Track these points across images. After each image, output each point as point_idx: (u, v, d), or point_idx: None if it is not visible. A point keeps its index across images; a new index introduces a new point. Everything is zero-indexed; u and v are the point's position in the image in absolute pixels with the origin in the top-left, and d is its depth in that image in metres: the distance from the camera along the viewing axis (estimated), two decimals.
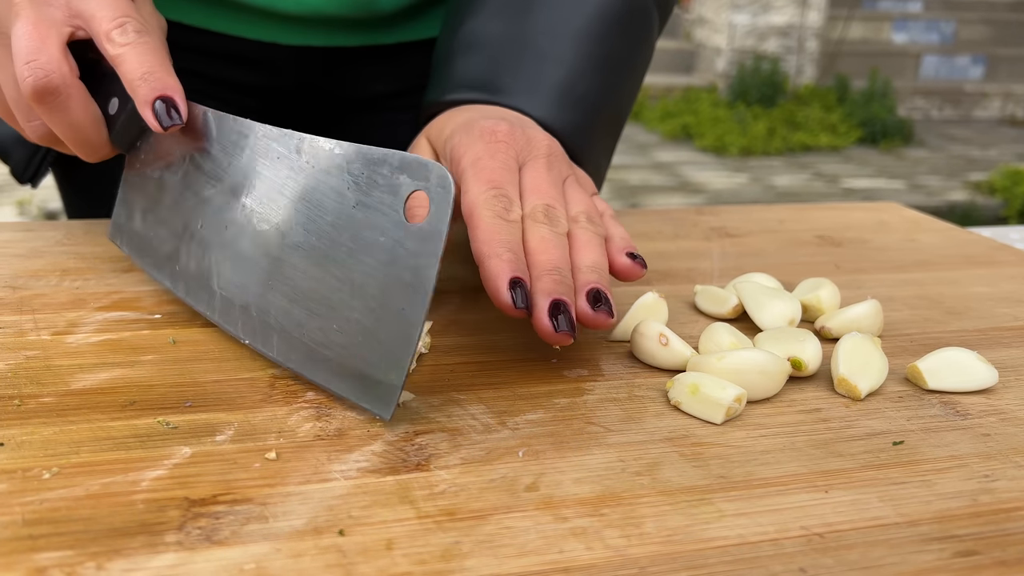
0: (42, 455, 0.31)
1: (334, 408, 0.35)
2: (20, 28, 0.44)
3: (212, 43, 0.65)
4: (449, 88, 0.52)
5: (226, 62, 0.66)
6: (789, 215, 0.67)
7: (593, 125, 0.53)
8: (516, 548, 0.27)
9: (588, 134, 0.52)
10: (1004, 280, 0.54)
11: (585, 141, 0.52)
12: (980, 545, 0.28)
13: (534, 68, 0.52)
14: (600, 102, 0.53)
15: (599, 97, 0.53)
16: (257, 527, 0.27)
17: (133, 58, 0.45)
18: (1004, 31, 6.44)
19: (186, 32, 0.64)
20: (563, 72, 0.52)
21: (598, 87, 0.53)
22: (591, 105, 0.52)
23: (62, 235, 0.55)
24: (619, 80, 0.55)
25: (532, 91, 0.51)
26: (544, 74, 0.52)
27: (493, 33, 0.53)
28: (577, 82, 0.52)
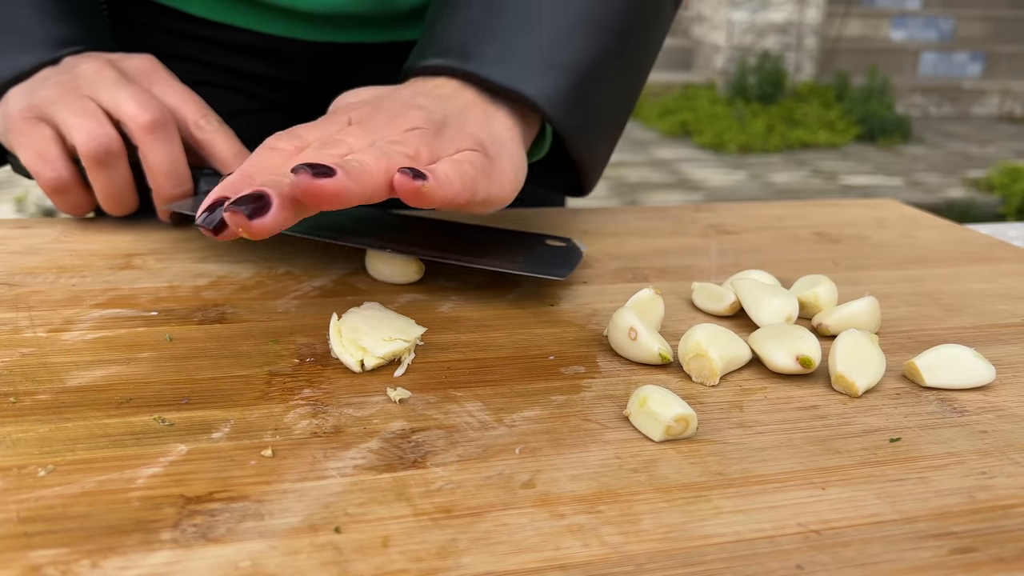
0: (37, 452, 0.31)
1: (330, 405, 0.35)
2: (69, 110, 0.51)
3: (233, 37, 0.65)
4: (425, 53, 0.50)
5: (247, 56, 0.66)
6: (787, 212, 0.67)
7: (579, 94, 0.49)
8: (513, 545, 0.27)
9: (572, 104, 0.49)
10: (1002, 277, 0.54)
11: (568, 112, 0.49)
12: (977, 542, 0.28)
13: (506, 31, 0.49)
14: (588, 69, 0.49)
15: (587, 64, 0.49)
16: (253, 524, 0.27)
17: (223, 141, 0.55)
18: (1002, 28, 6.45)
19: (208, 26, 0.64)
20: (539, 33, 0.49)
21: (585, 52, 0.49)
22: (575, 71, 0.49)
23: (59, 232, 0.55)
24: (616, 49, 0.51)
25: (501, 56, 0.48)
26: (517, 37, 0.48)
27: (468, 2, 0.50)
28: (558, 45, 0.49)
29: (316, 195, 0.35)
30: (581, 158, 0.52)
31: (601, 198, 3.85)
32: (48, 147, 0.52)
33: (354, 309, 0.40)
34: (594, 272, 0.52)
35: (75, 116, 0.51)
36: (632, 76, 0.54)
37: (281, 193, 0.35)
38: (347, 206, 0.36)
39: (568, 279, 0.50)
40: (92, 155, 0.51)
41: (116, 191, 0.53)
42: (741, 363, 0.39)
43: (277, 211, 0.35)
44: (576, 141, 0.50)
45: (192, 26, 0.65)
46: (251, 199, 0.35)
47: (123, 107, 0.52)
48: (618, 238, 0.59)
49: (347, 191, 0.36)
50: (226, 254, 0.52)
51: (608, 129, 0.54)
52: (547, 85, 0.48)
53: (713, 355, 0.38)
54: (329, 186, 0.35)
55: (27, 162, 0.52)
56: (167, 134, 0.53)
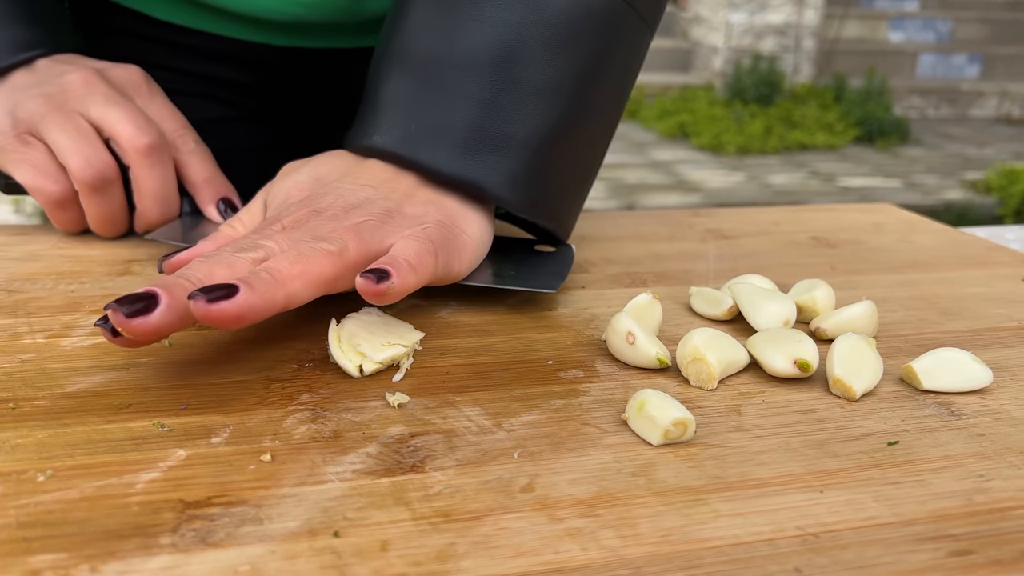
0: (37, 458, 0.31)
1: (329, 410, 0.35)
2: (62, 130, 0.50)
3: (202, 43, 0.65)
4: (360, 132, 0.47)
5: (216, 61, 0.66)
6: (784, 217, 0.67)
7: (535, 171, 0.45)
8: (511, 549, 0.27)
9: (526, 183, 0.45)
10: (999, 280, 0.54)
11: (525, 192, 0.45)
12: (975, 544, 0.28)
13: (448, 110, 0.44)
14: (544, 141, 0.45)
15: (541, 136, 0.45)
16: (252, 529, 0.27)
17: (196, 163, 0.54)
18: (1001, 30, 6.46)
19: (176, 31, 0.64)
20: (484, 113, 0.44)
21: (538, 124, 0.45)
22: (527, 147, 0.45)
23: (58, 238, 0.55)
24: (575, 106, 0.46)
25: (444, 141, 0.44)
26: (459, 117, 0.44)
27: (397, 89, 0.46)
28: (506, 122, 0.44)
29: (216, 320, 0.33)
30: (547, 224, 0.48)
31: (599, 199, 3.86)
32: (46, 162, 0.51)
33: (352, 315, 0.41)
34: (592, 277, 0.52)
35: (68, 138, 0.50)
36: (592, 129, 0.48)
37: (173, 295, 0.34)
38: (258, 321, 0.35)
39: (567, 283, 0.50)
40: (88, 182, 0.50)
41: (109, 216, 0.53)
42: (739, 367, 0.40)
43: (164, 312, 0.33)
44: (536, 214, 0.47)
45: (161, 31, 0.64)
46: (136, 299, 0.33)
47: (118, 128, 0.51)
48: (616, 243, 0.59)
49: (252, 309, 0.34)
50: None
51: (572, 188, 0.49)
52: (494, 168, 0.44)
53: (711, 359, 0.38)
54: (229, 309, 0.33)
55: (25, 179, 0.51)
56: (162, 159, 0.52)
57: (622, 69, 0.48)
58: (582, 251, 0.56)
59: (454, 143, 0.44)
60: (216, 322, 0.33)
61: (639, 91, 5.84)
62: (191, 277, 0.36)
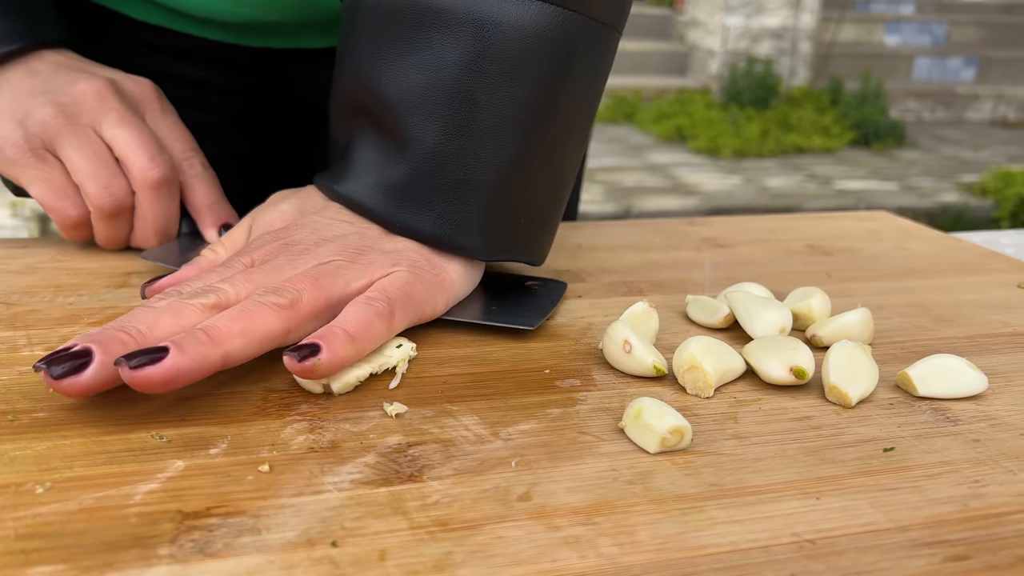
0: (35, 469, 0.31)
1: (327, 420, 0.35)
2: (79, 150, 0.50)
3: (179, 43, 0.64)
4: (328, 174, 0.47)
5: (195, 63, 0.66)
6: (780, 225, 0.67)
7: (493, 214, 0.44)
8: (509, 558, 0.27)
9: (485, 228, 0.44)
10: (994, 287, 0.54)
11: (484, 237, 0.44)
12: (971, 550, 0.28)
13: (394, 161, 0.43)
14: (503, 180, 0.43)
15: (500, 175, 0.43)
16: (250, 539, 0.27)
17: (202, 189, 0.54)
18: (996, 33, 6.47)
19: (154, 32, 0.64)
20: (419, 157, 0.43)
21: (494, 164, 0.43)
22: (470, 190, 0.43)
23: (56, 251, 0.55)
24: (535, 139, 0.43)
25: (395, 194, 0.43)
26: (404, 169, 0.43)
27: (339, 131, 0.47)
28: (458, 167, 0.42)
29: (143, 385, 0.33)
30: (515, 258, 0.46)
31: (596, 203, 3.86)
32: (64, 183, 0.51)
33: None
34: (588, 286, 0.52)
35: (86, 160, 0.50)
36: (567, 144, 0.46)
37: (107, 352, 0.33)
38: (190, 383, 0.34)
39: (565, 292, 0.50)
40: (106, 209, 0.51)
41: (118, 238, 0.53)
42: (735, 375, 0.40)
43: (95, 372, 0.33)
44: (502, 255, 0.45)
45: (136, 32, 0.63)
46: (69, 357, 0.33)
47: (130, 155, 0.51)
48: (612, 252, 0.59)
49: (180, 373, 0.33)
50: None
51: (540, 218, 0.46)
52: (456, 218, 0.43)
53: (707, 367, 0.38)
54: (155, 374, 0.33)
55: (43, 199, 0.51)
56: (170, 192, 0.52)
57: (585, 82, 0.45)
58: (578, 260, 0.57)
59: (411, 197, 0.43)
60: (143, 387, 0.33)
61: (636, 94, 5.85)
62: (131, 329, 0.35)
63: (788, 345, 0.40)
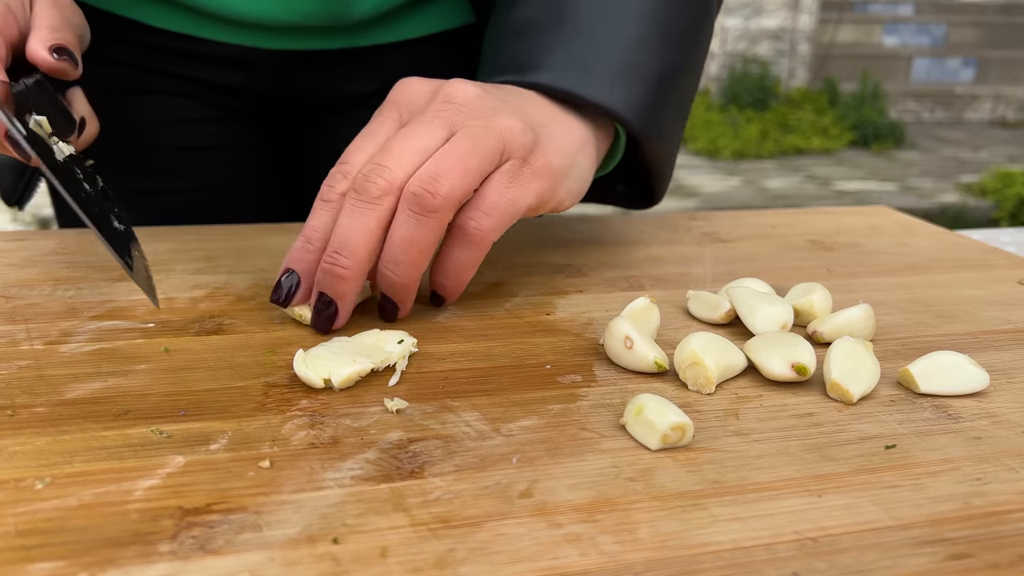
0: (35, 465, 0.31)
1: (328, 416, 0.35)
2: None
3: (194, 48, 0.65)
4: (484, 74, 0.50)
5: (207, 65, 0.66)
6: (781, 220, 0.67)
7: (657, 102, 0.50)
8: (510, 555, 0.27)
9: (651, 111, 0.49)
10: (995, 283, 0.54)
11: (648, 120, 0.49)
12: (972, 548, 0.28)
13: (582, 44, 0.49)
14: (662, 77, 0.50)
15: (662, 72, 0.50)
16: (251, 536, 0.27)
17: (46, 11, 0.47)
18: (994, 33, 6.48)
19: (170, 37, 0.64)
20: (617, 45, 0.49)
21: (660, 61, 0.50)
22: (653, 80, 0.49)
23: (55, 244, 0.55)
24: (682, 55, 0.51)
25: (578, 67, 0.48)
26: (594, 49, 0.48)
27: (540, 16, 0.50)
28: (635, 56, 0.49)
29: None
30: (657, 166, 0.52)
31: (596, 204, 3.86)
32: None
33: (323, 343, 0.40)
34: (590, 281, 0.52)
35: None
36: (692, 80, 0.54)
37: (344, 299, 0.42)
38: None
39: (564, 287, 0.50)
40: None
41: None
42: (737, 371, 0.40)
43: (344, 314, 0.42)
44: (656, 149, 0.51)
45: (151, 36, 0.64)
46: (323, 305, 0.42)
47: None
48: (613, 247, 0.59)
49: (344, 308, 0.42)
50: (223, 265, 0.52)
51: (677, 133, 0.54)
52: (626, 95, 0.48)
53: (709, 363, 0.38)
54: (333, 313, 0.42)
55: None
56: None
57: (709, 31, 0.54)
58: (579, 255, 0.57)
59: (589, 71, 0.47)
60: None
61: None
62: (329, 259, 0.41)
63: (789, 341, 0.40)
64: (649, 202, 0.56)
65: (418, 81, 0.45)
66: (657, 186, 0.55)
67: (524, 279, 0.52)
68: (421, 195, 0.40)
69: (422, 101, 0.44)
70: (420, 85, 0.45)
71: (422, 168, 0.41)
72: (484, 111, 0.43)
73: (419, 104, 0.44)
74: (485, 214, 0.42)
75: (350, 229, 0.41)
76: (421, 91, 0.45)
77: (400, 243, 0.41)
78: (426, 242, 0.41)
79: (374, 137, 0.43)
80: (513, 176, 0.43)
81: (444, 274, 0.44)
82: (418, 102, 0.44)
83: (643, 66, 0.49)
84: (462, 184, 0.41)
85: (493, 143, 0.42)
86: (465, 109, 0.43)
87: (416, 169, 0.41)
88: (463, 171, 0.41)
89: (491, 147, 0.42)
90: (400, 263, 0.41)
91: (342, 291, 0.41)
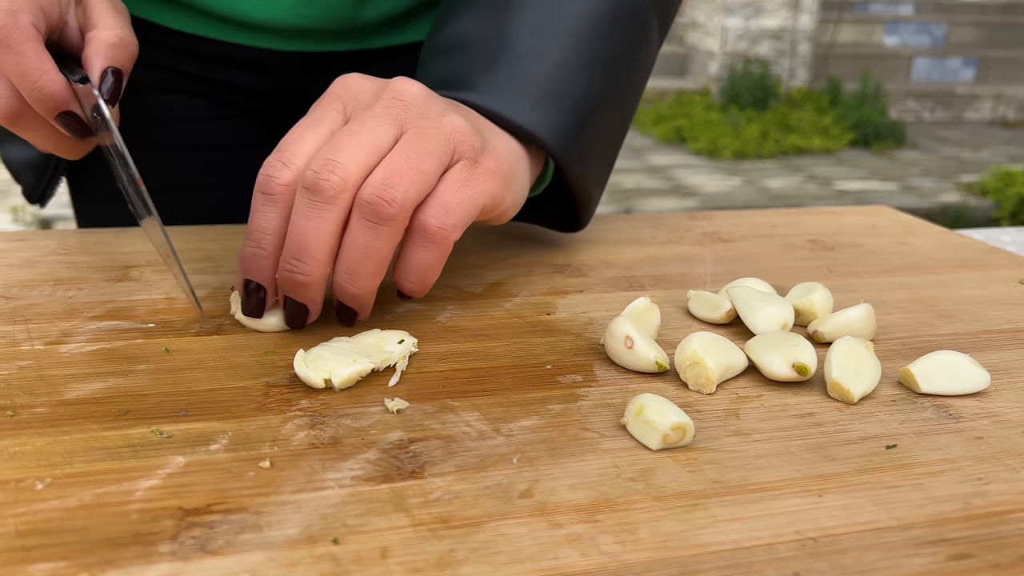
0: (35, 465, 0.31)
1: (328, 416, 0.35)
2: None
3: (208, 48, 0.66)
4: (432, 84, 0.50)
5: (220, 65, 0.67)
6: (781, 220, 0.67)
7: (579, 127, 0.49)
8: (511, 555, 0.27)
9: (573, 136, 0.49)
10: (996, 283, 0.54)
11: (570, 144, 0.49)
12: (974, 548, 0.28)
13: (509, 65, 0.48)
14: (586, 103, 0.49)
15: (586, 98, 0.49)
16: (251, 536, 0.27)
17: None
18: (995, 33, 6.47)
19: (182, 38, 0.65)
20: (542, 70, 0.48)
21: (584, 87, 0.49)
22: (576, 106, 0.49)
23: (56, 245, 0.55)
24: (611, 82, 0.51)
25: (504, 89, 0.47)
26: (520, 72, 0.48)
27: (472, 34, 0.50)
28: (559, 81, 0.48)
29: None
30: (581, 191, 0.52)
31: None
32: None
33: (323, 344, 0.40)
34: (590, 281, 0.52)
35: None
36: (624, 107, 0.54)
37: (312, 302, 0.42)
38: None
39: (565, 287, 0.50)
40: None
41: None
42: (737, 371, 0.40)
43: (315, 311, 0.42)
44: (577, 174, 0.50)
45: (166, 37, 0.65)
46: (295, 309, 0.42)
47: None
48: (614, 247, 0.59)
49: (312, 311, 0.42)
50: (223, 265, 0.52)
51: (604, 161, 0.53)
52: (548, 119, 0.47)
53: (709, 363, 0.38)
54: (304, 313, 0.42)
55: None
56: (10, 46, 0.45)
57: (645, 59, 0.54)
58: (579, 254, 0.57)
59: (514, 93, 0.47)
60: None
61: None
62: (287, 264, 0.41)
63: (790, 341, 0.40)
64: (576, 226, 0.56)
65: (361, 77, 0.44)
66: (583, 210, 0.54)
67: (524, 279, 0.52)
68: (376, 203, 0.39)
69: (368, 96, 0.43)
70: (364, 81, 0.44)
71: (374, 174, 0.39)
72: (432, 111, 0.42)
73: (365, 99, 0.43)
74: (445, 211, 0.41)
75: (307, 232, 0.39)
76: (366, 87, 0.44)
77: (357, 254, 0.40)
78: (384, 251, 0.40)
79: (316, 127, 0.41)
80: (467, 175, 0.42)
81: (408, 277, 0.42)
82: (363, 97, 0.43)
83: (568, 91, 0.49)
84: (416, 188, 0.39)
85: (443, 144, 0.41)
86: (413, 108, 0.42)
87: (368, 166, 0.39)
88: (416, 174, 0.39)
89: (441, 148, 0.41)
90: (358, 274, 0.40)
91: (309, 296, 0.41)
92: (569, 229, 0.57)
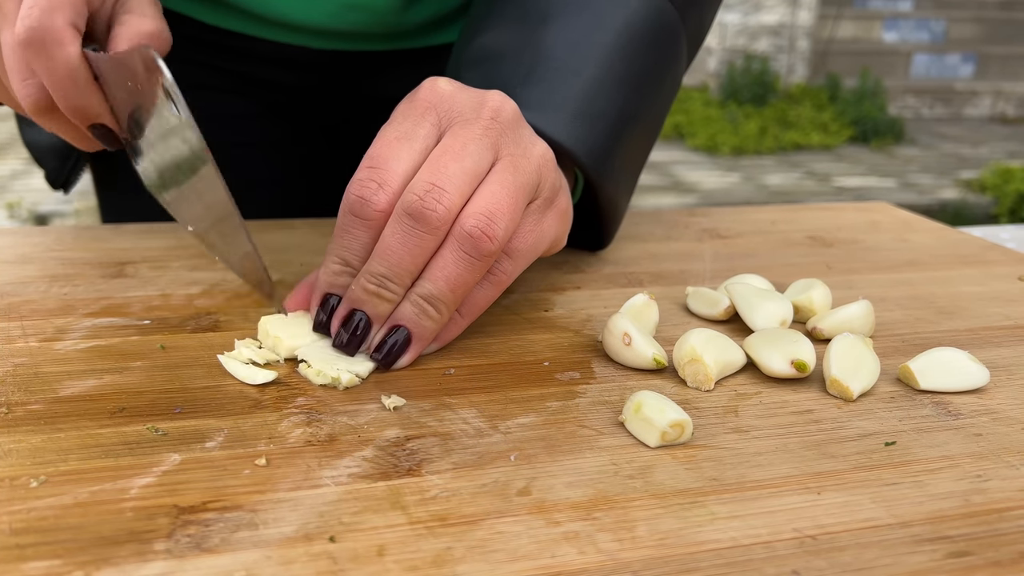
0: (30, 463, 0.30)
1: (324, 414, 0.35)
2: None
3: (244, 45, 0.65)
4: None
5: (254, 61, 0.67)
6: (781, 216, 0.67)
7: (613, 145, 0.48)
8: (508, 553, 0.27)
9: (607, 154, 0.48)
10: (995, 280, 0.54)
11: (603, 162, 0.48)
12: (973, 545, 0.28)
13: (547, 80, 0.47)
14: (621, 120, 0.49)
15: (621, 115, 0.49)
16: (247, 534, 0.27)
17: None
18: (994, 29, 6.47)
19: (218, 33, 0.64)
20: (580, 85, 0.47)
21: (620, 104, 0.48)
22: (611, 123, 0.48)
23: (51, 241, 0.54)
24: (644, 99, 0.50)
25: (542, 104, 0.46)
26: (558, 86, 0.47)
27: (506, 45, 0.49)
28: (596, 97, 0.48)
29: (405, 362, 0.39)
30: (608, 209, 0.52)
31: None
32: None
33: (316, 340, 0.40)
34: (588, 277, 0.52)
35: None
36: (653, 126, 0.53)
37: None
38: None
39: (563, 284, 0.50)
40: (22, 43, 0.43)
41: None
42: (736, 368, 0.39)
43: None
44: (609, 192, 0.50)
45: (199, 32, 0.65)
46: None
47: None
48: (612, 243, 0.59)
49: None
50: (219, 262, 0.52)
51: (631, 179, 0.53)
52: (587, 135, 0.47)
53: (708, 360, 0.38)
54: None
55: None
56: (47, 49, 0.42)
57: (675, 79, 0.54)
58: (577, 252, 0.56)
59: (550, 109, 0.46)
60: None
61: None
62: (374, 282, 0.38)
63: (789, 338, 0.39)
64: (599, 245, 0.55)
65: (453, 85, 0.42)
66: (608, 228, 0.54)
67: (522, 275, 0.51)
68: (479, 238, 0.37)
69: (464, 111, 0.40)
70: (458, 92, 0.41)
71: (474, 203, 0.38)
72: (523, 137, 0.41)
73: (460, 113, 0.40)
74: (510, 258, 0.40)
75: (402, 256, 0.37)
76: (461, 99, 0.41)
77: (446, 283, 0.38)
78: (472, 284, 0.38)
79: (410, 142, 0.39)
80: (540, 217, 0.41)
81: (461, 312, 0.40)
82: (459, 110, 0.40)
83: (605, 107, 0.48)
84: (514, 226, 0.38)
85: (534, 178, 0.40)
86: (509, 132, 0.40)
87: (469, 194, 0.38)
88: (514, 211, 0.38)
89: (532, 182, 0.40)
90: (441, 303, 0.38)
91: (382, 312, 0.39)
92: (590, 247, 0.56)
